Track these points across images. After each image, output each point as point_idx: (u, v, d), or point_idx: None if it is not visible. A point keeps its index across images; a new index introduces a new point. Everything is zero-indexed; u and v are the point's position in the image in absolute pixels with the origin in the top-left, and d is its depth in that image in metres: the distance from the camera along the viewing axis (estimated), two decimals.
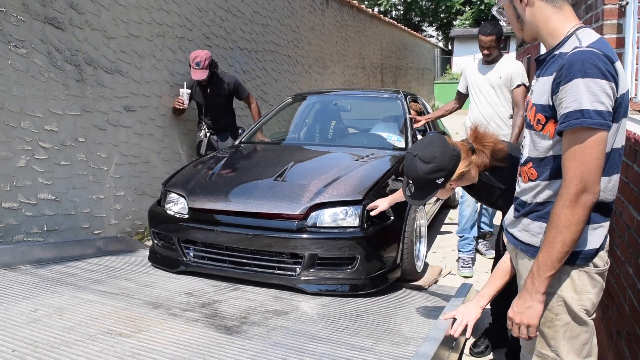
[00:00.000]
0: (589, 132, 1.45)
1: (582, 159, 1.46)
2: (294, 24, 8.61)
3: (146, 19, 5.11)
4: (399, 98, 5.25)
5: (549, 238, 1.53)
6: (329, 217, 3.39)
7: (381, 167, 3.88)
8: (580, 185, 1.46)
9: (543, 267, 1.54)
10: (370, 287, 3.32)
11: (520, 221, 1.75)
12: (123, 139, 4.87)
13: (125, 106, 4.88)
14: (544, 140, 1.61)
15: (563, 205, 1.49)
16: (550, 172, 1.61)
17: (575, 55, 1.48)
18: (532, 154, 1.68)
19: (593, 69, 1.44)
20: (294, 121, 5.74)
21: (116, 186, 4.81)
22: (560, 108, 1.50)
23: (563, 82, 1.48)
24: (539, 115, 1.60)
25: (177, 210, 3.73)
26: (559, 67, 1.51)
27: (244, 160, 4.47)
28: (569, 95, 1.46)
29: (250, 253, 3.41)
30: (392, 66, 16.25)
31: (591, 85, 1.44)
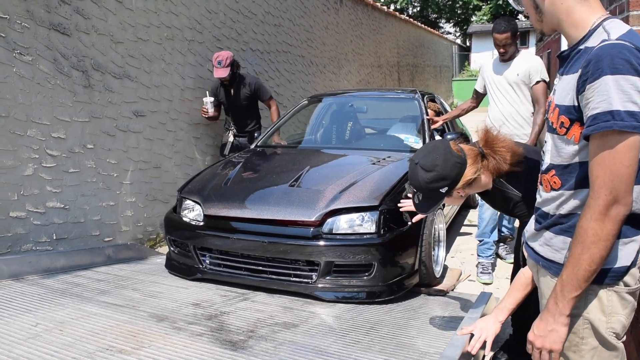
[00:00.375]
0: (620, 135, 1.29)
1: (612, 167, 1.30)
2: (307, 24, 8.50)
3: (154, 22, 5.04)
4: (416, 98, 5.16)
5: (574, 255, 1.37)
6: (345, 223, 3.33)
7: (398, 171, 3.78)
8: (611, 196, 1.31)
9: (568, 287, 1.39)
10: (387, 294, 3.25)
11: (542, 234, 1.58)
12: (133, 145, 4.80)
13: (135, 111, 4.81)
14: (568, 145, 1.45)
15: (591, 219, 1.33)
16: (575, 181, 1.45)
17: (603, 50, 1.32)
18: (555, 160, 1.51)
19: (624, 64, 1.28)
20: (310, 123, 5.67)
21: (127, 192, 4.74)
22: (587, 109, 1.34)
23: (590, 79, 1.32)
24: (563, 117, 1.44)
25: (193, 217, 3.69)
26: (585, 63, 1.35)
27: (260, 166, 4.40)
28: (596, 95, 1.31)
29: (266, 260, 3.36)
30: (409, 64, 16.05)
31: (622, 83, 1.28)
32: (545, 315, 1.46)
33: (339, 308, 3.05)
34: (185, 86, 5.49)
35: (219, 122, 5.87)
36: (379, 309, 3.11)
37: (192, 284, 3.43)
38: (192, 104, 5.59)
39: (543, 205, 1.58)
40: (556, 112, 1.47)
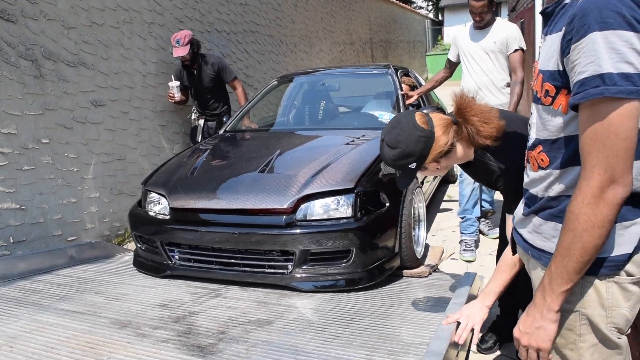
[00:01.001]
0: (613, 103, 1.08)
1: (606, 141, 1.10)
2: (275, 2, 8.20)
3: (110, 5, 4.74)
4: (390, 73, 4.99)
5: (564, 244, 1.18)
6: (320, 208, 3.13)
7: (373, 150, 3.58)
8: (606, 175, 1.11)
9: (557, 280, 1.20)
10: (368, 280, 3.08)
11: (531, 220, 1.39)
12: (93, 137, 4.53)
13: (93, 101, 4.54)
14: (555, 116, 1.25)
15: (583, 202, 1.13)
16: (565, 158, 1.26)
17: (588, 1, 1.12)
18: (541, 135, 1.32)
19: (615, 17, 1.07)
20: (281, 105, 5.48)
21: (89, 188, 4.48)
22: (574, 74, 1.14)
23: (575, 38, 1.12)
24: (547, 85, 1.24)
25: (159, 211, 3.46)
26: (569, 19, 1.15)
27: (228, 152, 4.17)
28: (583, 56, 1.10)
29: (238, 252, 3.16)
30: (382, 40, 15.80)
31: (613, 39, 1.07)
32: (531, 311, 1.28)
33: (317, 299, 2.87)
34: (147, 72, 5.21)
35: (185, 108, 5.61)
36: (359, 297, 2.94)
37: (160, 283, 3.21)
38: (156, 90, 5.31)
39: (531, 187, 1.40)
40: (540, 78, 1.28)
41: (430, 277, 3.40)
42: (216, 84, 5.31)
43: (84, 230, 4.41)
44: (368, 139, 3.89)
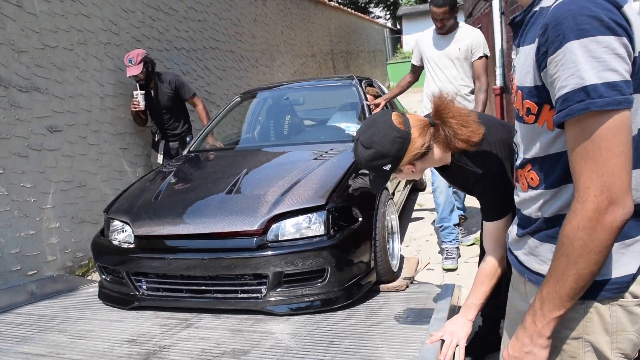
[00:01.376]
0: (601, 116, 0.99)
1: (598, 158, 1.00)
2: (234, 17, 8.11)
3: (62, 26, 4.57)
4: (354, 84, 4.93)
5: (558, 268, 1.08)
6: (292, 227, 3.03)
7: (342, 164, 3.51)
8: (602, 197, 1.00)
9: (548, 305, 1.10)
10: (345, 299, 2.98)
11: (526, 241, 1.30)
12: (50, 164, 4.33)
13: (49, 127, 4.35)
14: (541, 134, 1.17)
15: (578, 227, 1.03)
16: (556, 176, 1.17)
17: (561, 8, 1.02)
18: (528, 153, 1.23)
19: (591, 22, 0.98)
20: (245, 121, 5.36)
21: (49, 218, 4.28)
22: (555, 89, 1.05)
23: (551, 50, 1.03)
24: (528, 102, 1.16)
25: (123, 240, 3.30)
26: (541, 29, 1.06)
27: (193, 173, 4.04)
28: (562, 69, 1.01)
29: (208, 279, 3.02)
30: (343, 51, 15.85)
31: (593, 47, 0.98)
32: (521, 334, 1.18)
33: (293, 323, 2.76)
34: (105, 94, 5.04)
35: (147, 130, 5.44)
36: (336, 317, 2.84)
37: (128, 315, 3.05)
38: (115, 112, 5.15)
39: (523, 207, 1.31)
40: (519, 96, 1.19)
41: (407, 291, 3.32)
42: (175, 102, 5.17)
43: (44, 263, 4.20)
44: (336, 152, 3.81)
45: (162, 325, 2.83)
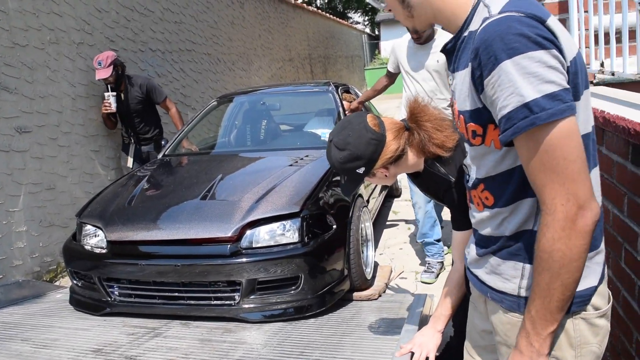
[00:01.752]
0: (549, 127, 1.00)
1: (556, 168, 1.01)
2: (211, 20, 8.04)
3: (34, 25, 4.47)
4: (330, 90, 4.93)
5: (542, 285, 1.08)
6: (266, 234, 3.02)
7: (317, 171, 3.51)
8: (569, 204, 1.02)
9: (541, 323, 1.09)
10: (318, 306, 2.99)
11: (487, 260, 1.28)
12: (18, 166, 4.23)
13: (17, 127, 4.25)
14: (489, 154, 1.17)
15: (554, 239, 1.03)
16: (510, 193, 1.17)
17: (487, 31, 1.04)
18: (480, 173, 1.23)
19: (519, 39, 1.00)
20: (221, 126, 5.31)
21: (16, 221, 4.17)
22: (496, 109, 1.06)
23: (485, 73, 1.05)
24: (472, 125, 1.17)
25: (95, 244, 3.25)
26: (472, 53, 1.08)
27: (167, 178, 3.99)
28: (500, 90, 1.03)
29: (181, 285, 3.00)
30: (321, 56, 15.86)
31: (525, 63, 1.00)
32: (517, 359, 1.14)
33: (264, 332, 2.73)
34: (77, 94, 4.94)
35: (119, 132, 5.35)
36: (308, 326, 2.82)
37: (95, 324, 2.99)
38: (87, 113, 5.05)
39: (480, 228, 1.30)
40: (462, 120, 1.21)
41: (380, 300, 3.31)
42: (145, 106, 5.10)
43: (11, 267, 4.09)
44: (312, 159, 3.81)
45: (130, 334, 2.77)
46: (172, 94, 6.62)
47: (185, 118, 6.79)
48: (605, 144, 1.89)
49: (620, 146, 1.74)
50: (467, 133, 1.20)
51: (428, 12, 1.23)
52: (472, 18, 1.16)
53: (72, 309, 3.25)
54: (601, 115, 1.81)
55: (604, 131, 1.87)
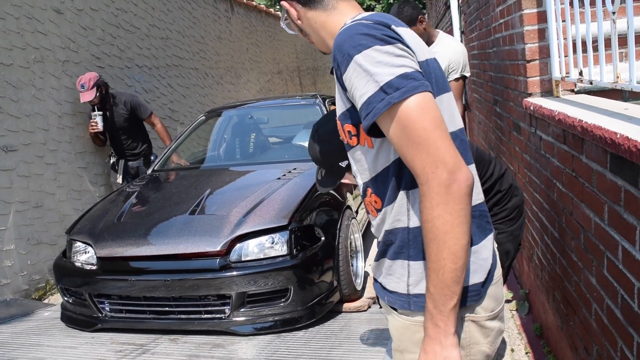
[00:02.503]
0: (405, 104, 1.04)
1: (418, 139, 1.04)
2: (197, 35, 8.07)
3: (18, 44, 4.47)
4: (317, 103, 4.98)
5: (432, 257, 1.06)
6: (255, 247, 3.08)
7: (305, 184, 3.57)
8: (439, 171, 1.03)
9: (440, 299, 1.06)
10: (308, 318, 3.03)
11: (383, 264, 1.27)
12: (5, 185, 4.21)
13: (4, 146, 4.23)
14: (366, 154, 1.23)
15: (432, 206, 1.04)
16: (389, 191, 1.20)
17: (340, 36, 1.14)
18: (364, 176, 1.27)
19: (366, 38, 1.09)
20: (210, 140, 5.33)
21: (2, 240, 4.14)
22: (356, 101, 1.11)
23: (342, 70, 1.12)
24: (347, 126, 1.23)
25: (85, 261, 3.28)
26: (332, 59, 1.16)
27: (156, 194, 4.02)
28: (356, 81, 1.09)
29: (172, 300, 3.03)
30: (310, 68, 15.92)
31: (374, 54, 1.08)
32: (428, 345, 1.09)
33: (253, 346, 2.72)
34: (63, 112, 4.94)
35: (107, 149, 5.34)
36: (297, 339, 2.82)
37: (83, 341, 2.97)
38: (74, 131, 5.04)
39: (377, 233, 1.30)
40: (339, 125, 1.28)
41: (369, 311, 3.32)
42: (131, 123, 5.13)
43: None
44: (299, 171, 3.84)
45: (118, 351, 2.76)
46: (160, 110, 6.63)
47: (173, 133, 6.80)
48: (585, 152, 1.91)
49: (599, 155, 1.76)
50: (346, 135, 1.25)
51: (320, 40, 1.35)
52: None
53: (61, 327, 3.24)
54: (579, 125, 1.83)
55: (583, 140, 1.89)
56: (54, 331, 3.22)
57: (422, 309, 1.13)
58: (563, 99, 2.50)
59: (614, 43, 1.84)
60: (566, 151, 2.10)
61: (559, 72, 2.49)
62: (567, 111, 2.03)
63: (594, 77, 2.17)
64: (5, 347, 2.94)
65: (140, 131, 5.23)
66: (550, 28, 2.55)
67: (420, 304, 1.16)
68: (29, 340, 3.06)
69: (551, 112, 2.16)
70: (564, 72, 2.43)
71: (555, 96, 2.58)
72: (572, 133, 1.97)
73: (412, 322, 1.19)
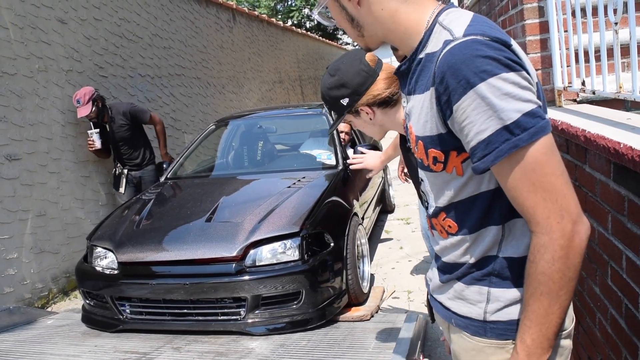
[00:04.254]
0: (532, 146, 0.97)
1: (546, 185, 0.97)
2: (200, 44, 8.11)
3: (22, 54, 4.50)
4: (324, 113, 5.09)
5: (540, 311, 1.01)
6: (268, 253, 3.23)
7: (314, 192, 3.74)
8: (564, 222, 0.97)
9: (537, 351, 1.04)
10: (319, 320, 3.18)
11: (451, 286, 1.23)
12: (8, 193, 4.22)
13: (7, 155, 4.25)
14: (451, 181, 1.13)
15: (553, 259, 0.98)
16: (474, 220, 1.13)
17: (453, 54, 0.99)
18: (441, 201, 1.18)
19: (489, 62, 0.96)
20: (220, 149, 5.43)
21: (6, 249, 4.15)
22: (469, 136, 1.00)
23: (455, 98, 0.99)
24: (433, 151, 1.11)
25: (106, 266, 3.45)
26: (437, 78, 1.02)
27: (172, 201, 4.14)
28: (474, 114, 0.97)
29: (190, 302, 3.21)
30: (311, 77, 15.98)
31: (500, 85, 0.95)
32: None
33: (255, 356, 2.73)
34: (67, 121, 4.96)
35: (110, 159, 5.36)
36: (301, 348, 2.82)
37: (86, 350, 2.97)
38: (77, 140, 5.06)
39: (443, 254, 1.24)
40: (421, 146, 1.14)
41: (372, 320, 3.32)
42: (134, 132, 5.13)
43: (2, 295, 4.05)
44: (308, 180, 4.01)
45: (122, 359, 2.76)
46: (162, 119, 6.64)
47: (175, 142, 6.84)
48: (588, 162, 1.91)
49: (602, 164, 1.76)
50: (427, 159, 1.13)
51: (378, 32, 1.16)
52: (427, 39, 1.10)
53: (64, 335, 3.25)
54: (583, 134, 1.84)
55: (587, 150, 1.90)
56: (57, 339, 3.21)
57: (499, 337, 1.13)
58: (566, 108, 2.51)
59: (616, 53, 1.85)
60: (569, 161, 2.11)
61: (562, 82, 2.51)
62: (570, 121, 2.04)
63: (597, 87, 2.18)
64: (8, 356, 2.94)
65: (142, 139, 5.25)
66: (553, 38, 2.57)
67: (497, 332, 1.13)
68: (33, 349, 3.06)
69: (554, 122, 2.17)
70: (567, 82, 2.45)
71: (558, 106, 2.59)
72: (575, 143, 1.98)
73: (486, 344, 1.16)
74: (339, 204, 3.79)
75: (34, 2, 4.68)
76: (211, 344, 2.94)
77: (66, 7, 5.10)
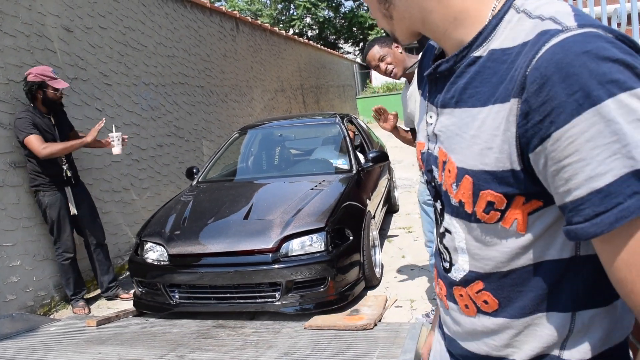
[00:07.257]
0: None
1: None
2: (203, 53, 8.15)
3: (28, 61, 4.53)
4: (337, 122, 5.71)
5: None
6: (298, 245, 3.75)
7: (334, 193, 4.31)
8: None
9: None
10: (341, 301, 3.72)
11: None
12: (12, 201, 4.24)
13: (11, 162, 4.27)
14: (506, 238, 0.79)
15: None
16: (530, 300, 0.80)
17: (567, 51, 0.65)
18: (480, 266, 0.85)
19: (622, 71, 0.63)
20: (244, 155, 5.86)
21: (9, 256, 4.16)
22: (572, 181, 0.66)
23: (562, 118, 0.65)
24: (492, 193, 0.76)
25: (156, 258, 3.92)
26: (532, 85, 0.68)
27: (209, 202, 4.58)
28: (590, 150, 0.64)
29: (233, 288, 3.72)
30: (313, 86, 16.03)
31: (636, 106, 0.63)
32: None
33: None
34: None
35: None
36: (305, 357, 2.82)
37: (90, 357, 2.97)
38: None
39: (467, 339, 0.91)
40: (467, 183, 0.79)
41: (376, 329, 3.32)
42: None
43: (3, 303, 4.05)
44: (328, 183, 4.59)
45: None
46: (165, 126, 6.69)
47: (178, 150, 6.86)
48: None
49: None
50: (475, 204, 0.79)
51: (414, 14, 0.83)
52: (494, 29, 0.77)
53: (67, 343, 3.25)
54: None
55: None
56: (60, 347, 3.21)
57: None
58: None
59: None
60: None
61: None
62: None
63: None
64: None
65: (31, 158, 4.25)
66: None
67: None
68: (36, 356, 3.06)
69: None
70: None
71: None
72: None
73: None
74: (355, 204, 4.32)
75: (40, 10, 4.72)
76: (215, 352, 2.94)
77: (72, 15, 5.14)
